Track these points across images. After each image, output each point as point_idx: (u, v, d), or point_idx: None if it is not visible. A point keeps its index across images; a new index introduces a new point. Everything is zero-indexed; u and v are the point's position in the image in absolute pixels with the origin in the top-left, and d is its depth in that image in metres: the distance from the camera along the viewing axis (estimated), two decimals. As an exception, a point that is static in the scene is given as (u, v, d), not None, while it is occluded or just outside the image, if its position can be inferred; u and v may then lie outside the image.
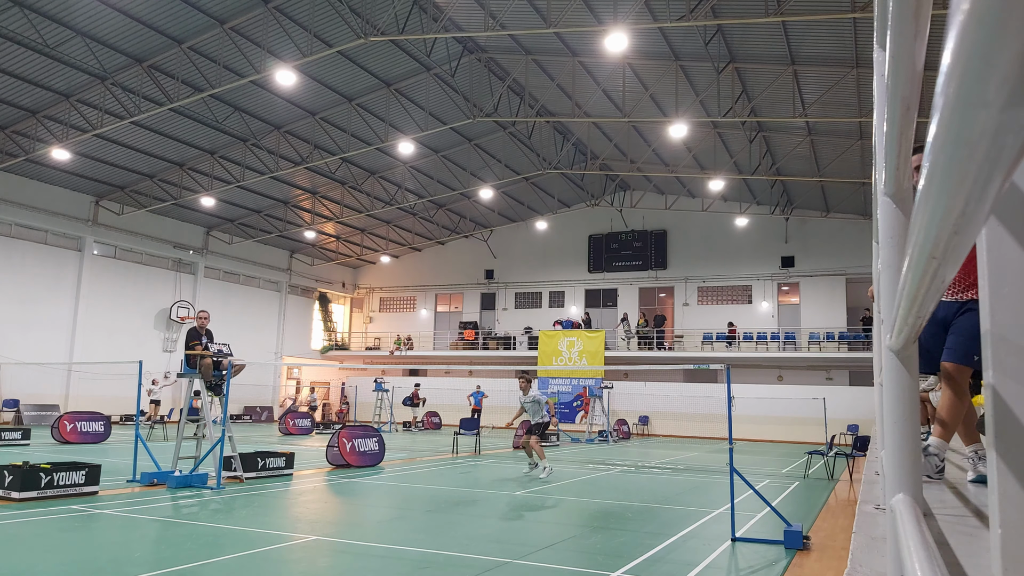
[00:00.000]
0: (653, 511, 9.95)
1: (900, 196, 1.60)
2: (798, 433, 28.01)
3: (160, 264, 31.51)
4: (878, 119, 1.90)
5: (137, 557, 6.41)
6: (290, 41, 19.31)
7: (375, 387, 31.21)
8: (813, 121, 22.44)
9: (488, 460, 17.22)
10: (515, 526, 8.71)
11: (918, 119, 1.27)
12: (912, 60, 1.04)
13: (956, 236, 0.65)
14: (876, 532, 2.66)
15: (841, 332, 30.60)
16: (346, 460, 14.34)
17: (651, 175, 30.64)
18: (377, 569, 6.28)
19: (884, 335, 1.75)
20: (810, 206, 31.08)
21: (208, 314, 12.03)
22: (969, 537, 2.23)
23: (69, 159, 24.59)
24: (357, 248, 38.81)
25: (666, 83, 21.77)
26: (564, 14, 17.33)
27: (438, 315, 40.03)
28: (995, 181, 0.52)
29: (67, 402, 26.72)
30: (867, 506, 3.38)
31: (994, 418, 0.79)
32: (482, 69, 23.03)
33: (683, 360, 29.31)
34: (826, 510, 10.33)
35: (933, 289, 0.90)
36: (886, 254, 1.67)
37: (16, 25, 17.88)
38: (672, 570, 6.48)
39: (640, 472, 15.47)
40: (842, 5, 16.09)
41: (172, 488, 10.71)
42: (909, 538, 1.07)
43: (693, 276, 34.05)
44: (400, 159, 28.75)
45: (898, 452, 1.64)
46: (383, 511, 9.63)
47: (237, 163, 26.78)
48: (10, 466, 9.48)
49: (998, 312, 0.81)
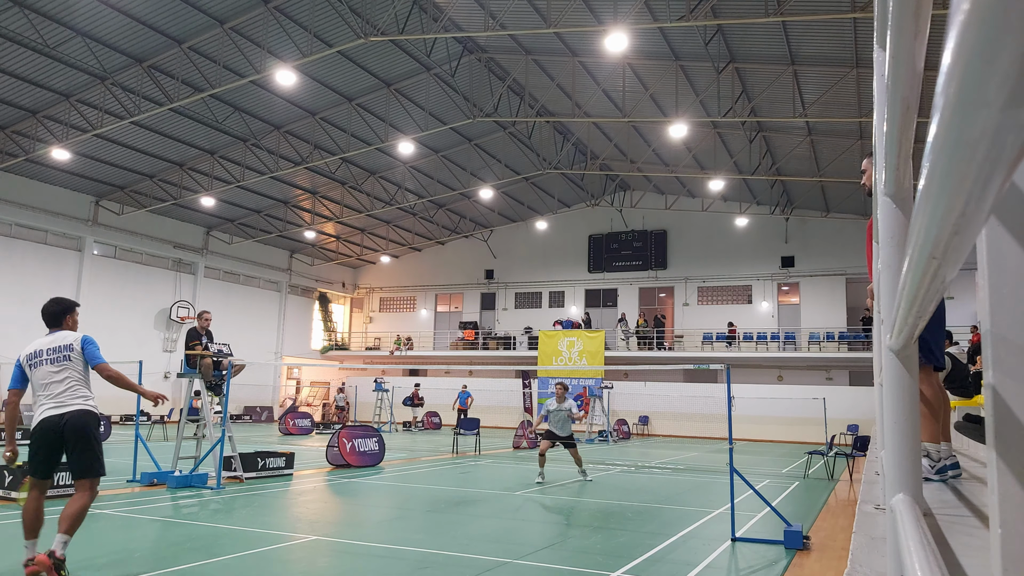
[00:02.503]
0: (653, 511, 9.95)
1: (900, 196, 1.60)
2: (798, 433, 28.01)
3: (160, 264, 31.51)
4: (878, 119, 1.91)
5: (137, 557, 6.41)
6: (290, 41, 19.31)
7: (375, 387, 31.22)
8: (813, 121, 22.43)
9: (488, 460, 17.22)
10: (515, 526, 8.71)
11: (918, 119, 1.27)
12: (912, 60, 1.04)
13: (956, 236, 0.65)
14: (876, 532, 2.66)
15: (841, 332, 30.60)
16: (346, 460, 14.34)
17: (651, 175, 30.65)
18: (377, 569, 6.28)
19: (884, 335, 1.75)
20: (810, 206, 31.08)
21: (211, 315, 12.01)
22: (969, 537, 2.23)
23: (69, 159, 24.59)
24: (357, 248, 38.81)
25: (666, 83, 21.77)
26: (564, 14, 17.33)
27: (438, 315, 40.04)
28: (995, 181, 0.52)
29: (67, 402, 26.67)
30: (867, 506, 3.38)
31: (994, 418, 0.79)
32: (482, 69, 23.03)
33: (683, 360, 29.31)
34: (826, 510, 10.33)
35: (933, 289, 0.90)
36: (886, 254, 1.67)
37: (16, 25, 17.88)
38: (672, 570, 6.48)
39: (640, 472, 15.47)
40: (842, 5, 16.08)
41: (172, 488, 10.71)
42: (909, 538, 1.07)
43: (693, 276, 34.05)
44: (400, 159, 28.75)
45: (898, 452, 1.64)
46: (383, 511, 9.63)
47: (237, 163, 26.78)
48: (10, 466, 9.47)
49: (998, 312, 0.81)
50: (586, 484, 12.78)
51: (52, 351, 5.67)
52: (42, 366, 5.63)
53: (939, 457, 3.86)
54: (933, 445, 3.87)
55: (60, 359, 5.63)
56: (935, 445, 3.87)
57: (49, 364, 5.63)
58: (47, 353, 5.67)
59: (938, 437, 3.90)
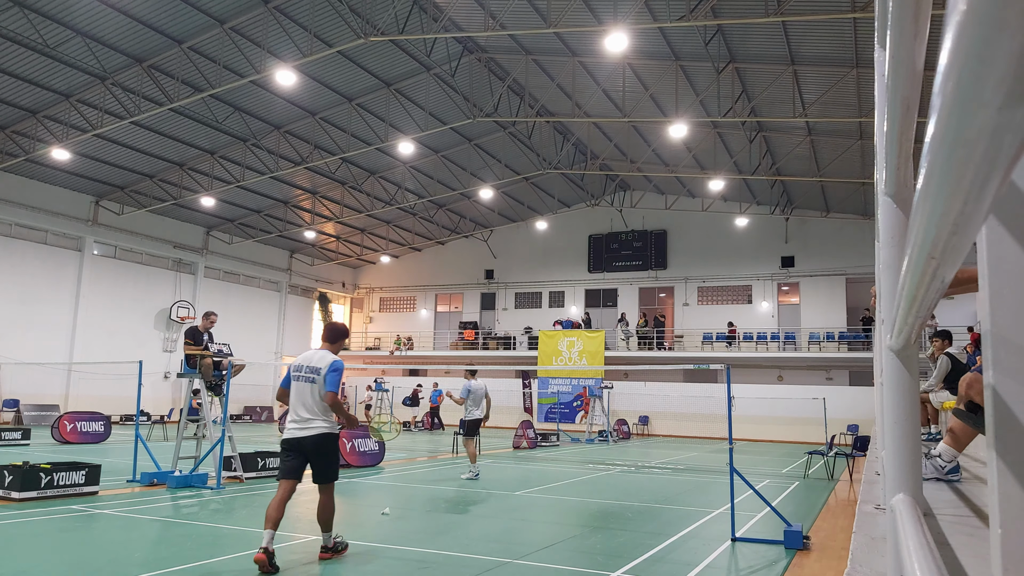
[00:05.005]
0: (653, 511, 9.95)
1: (900, 196, 1.60)
2: (798, 433, 28.01)
3: (160, 264, 31.51)
4: (878, 119, 1.91)
5: (137, 557, 6.41)
6: (290, 41, 19.31)
7: (375, 387, 31.21)
8: (813, 121, 22.43)
9: (488, 460, 17.21)
10: (515, 526, 8.71)
11: (918, 119, 1.27)
12: (912, 60, 1.04)
13: (955, 236, 0.65)
14: (876, 532, 2.66)
15: (841, 332, 30.60)
16: (346, 460, 14.32)
17: (651, 175, 30.64)
18: (377, 569, 6.28)
19: (884, 335, 1.75)
20: (810, 206, 31.08)
21: (216, 317, 11.99)
22: (969, 537, 2.23)
23: (69, 159, 24.59)
24: (357, 248, 38.81)
25: (666, 83, 21.77)
26: (564, 14, 17.33)
27: (438, 315, 40.03)
28: (993, 180, 0.52)
29: (67, 402, 26.72)
30: (867, 506, 3.38)
31: (994, 418, 0.79)
32: (482, 69, 23.03)
33: (683, 360, 29.31)
34: (826, 510, 10.33)
35: (933, 289, 0.90)
36: (886, 254, 1.67)
37: (16, 25, 17.88)
38: (672, 570, 6.48)
39: (640, 472, 15.47)
40: (842, 5, 16.08)
41: (172, 488, 10.71)
42: (909, 538, 1.07)
43: (693, 276, 34.04)
44: (400, 159, 28.75)
45: (898, 452, 1.64)
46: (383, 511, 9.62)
47: (237, 163, 26.78)
48: (10, 466, 9.48)
49: (998, 312, 0.81)
50: (585, 484, 12.79)
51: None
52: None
53: (952, 457, 3.89)
54: (951, 452, 3.89)
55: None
56: (953, 452, 3.89)
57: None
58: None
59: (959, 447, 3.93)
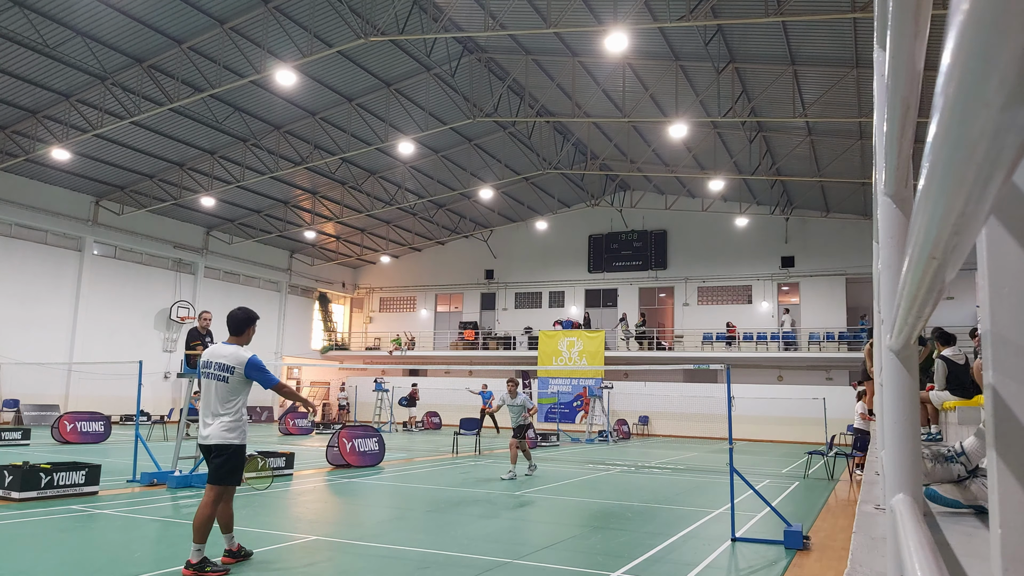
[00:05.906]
0: (653, 511, 9.95)
1: (900, 196, 1.60)
2: (798, 433, 28.00)
3: (160, 264, 31.50)
4: (878, 119, 1.91)
5: (137, 557, 6.41)
6: (290, 41, 19.31)
7: (375, 387, 31.19)
8: (813, 121, 22.43)
9: (488, 460, 17.22)
10: (515, 526, 8.71)
11: (918, 119, 1.27)
12: (912, 60, 1.04)
13: (956, 236, 0.65)
14: (876, 532, 2.66)
15: (841, 332, 30.60)
16: (346, 460, 14.34)
17: (651, 175, 30.64)
18: (377, 569, 6.28)
19: (884, 335, 1.75)
20: (810, 206, 31.08)
21: (211, 315, 12.00)
22: (969, 537, 2.23)
23: (69, 159, 24.59)
24: (357, 248, 38.81)
25: (666, 83, 21.77)
26: (564, 14, 17.33)
27: (438, 315, 40.03)
28: (995, 181, 0.52)
29: (67, 402, 26.71)
30: (867, 506, 3.38)
31: (994, 418, 0.79)
32: (482, 69, 23.03)
33: (683, 360, 29.31)
34: (826, 510, 10.33)
35: (933, 289, 0.90)
36: (886, 254, 1.67)
37: (16, 25, 17.88)
38: (672, 570, 6.48)
39: (640, 472, 15.47)
40: (842, 5, 16.08)
41: (172, 488, 10.71)
42: (909, 538, 1.07)
43: (693, 276, 34.04)
44: (400, 159, 28.74)
45: (898, 452, 1.63)
46: (383, 511, 9.63)
47: (237, 163, 26.78)
48: (10, 466, 9.48)
49: (998, 312, 0.81)
50: (585, 484, 12.79)
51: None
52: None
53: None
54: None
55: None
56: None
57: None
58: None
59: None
